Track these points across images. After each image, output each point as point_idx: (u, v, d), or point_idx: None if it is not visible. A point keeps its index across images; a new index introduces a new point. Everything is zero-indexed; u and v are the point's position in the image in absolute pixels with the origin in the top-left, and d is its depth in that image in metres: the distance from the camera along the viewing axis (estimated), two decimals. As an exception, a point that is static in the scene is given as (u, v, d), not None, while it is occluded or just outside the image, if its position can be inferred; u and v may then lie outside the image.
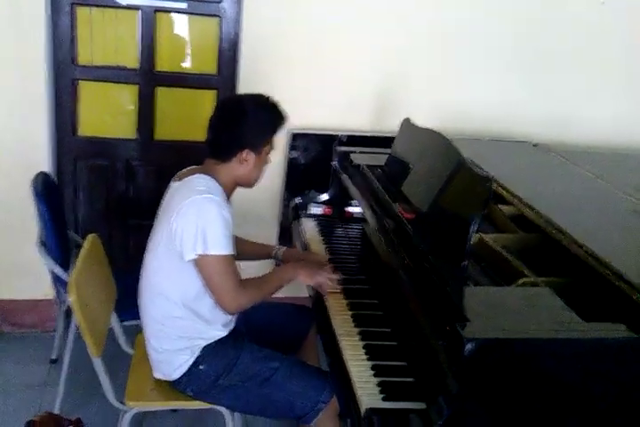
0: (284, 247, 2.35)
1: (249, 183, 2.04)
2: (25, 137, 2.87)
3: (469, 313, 1.39)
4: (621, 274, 1.54)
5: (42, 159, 2.90)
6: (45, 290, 3.12)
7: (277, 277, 2.07)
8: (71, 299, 1.81)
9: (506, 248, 1.89)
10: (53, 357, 2.95)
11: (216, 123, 1.98)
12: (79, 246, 2.70)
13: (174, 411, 2.60)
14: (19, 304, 3.15)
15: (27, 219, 2.86)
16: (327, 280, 2.05)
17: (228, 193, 1.99)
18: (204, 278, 1.88)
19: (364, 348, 1.76)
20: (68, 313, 2.83)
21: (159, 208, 2.03)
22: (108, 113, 3.08)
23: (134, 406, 1.99)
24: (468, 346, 1.27)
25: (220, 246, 1.83)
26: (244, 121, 1.92)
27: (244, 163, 1.94)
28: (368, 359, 1.70)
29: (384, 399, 1.51)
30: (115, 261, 2.39)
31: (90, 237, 2.15)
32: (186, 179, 1.95)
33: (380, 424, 1.39)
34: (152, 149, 3.12)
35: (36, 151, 2.89)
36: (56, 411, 2.51)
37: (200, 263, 1.85)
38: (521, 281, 1.66)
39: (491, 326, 1.36)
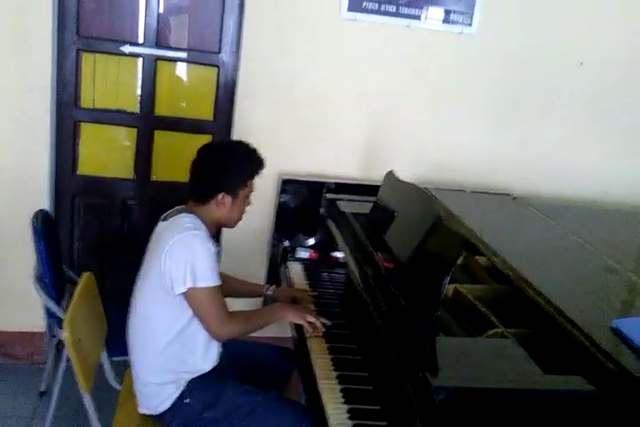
0: (274, 286, 2.48)
1: (229, 224, 2.18)
2: (27, 173, 2.99)
3: (440, 362, 1.49)
4: (583, 330, 1.65)
5: (42, 195, 3.03)
6: (37, 322, 3.21)
7: (267, 313, 2.20)
8: (65, 335, 1.91)
9: (479, 299, 1.99)
10: (42, 389, 3.01)
11: (196, 167, 2.11)
12: (73, 282, 2.81)
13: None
14: (10, 336, 3.22)
15: (23, 251, 2.98)
16: (317, 320, 2.16)
17: (212, 231, 2.10)
18: (194, 309, 1.99)
19: (341, 391, 1.84)
20: (59, 347, 2.92)
21: (147, 248, 2.14)
22: (107, 154, 3.21)
23: (121, 442, 2.07)
24: (437, 393, 1.37)
25: (207, 279, 1.96)
26: (222, 167, 2.05)
27: (220, 205, 2.07)
28: (344, 403, 1.78)
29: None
30: (107, 298, 2.49)
31: (85, 275, 2.26)
32: (171, 218, 2.07)
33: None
34: (148, 189, 3.25)
35: (36, 187, 3.02)
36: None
37: (190, 296, 1.96)
38: (490, 332, 1.77)
39: (458, 375, 1.47)
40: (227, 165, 2.04)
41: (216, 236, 2.21)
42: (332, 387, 1.87)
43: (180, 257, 1.93)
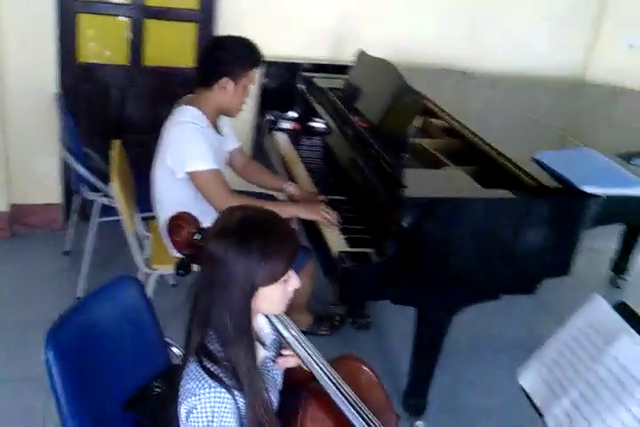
0: (294, 184, 2.69)
1: (229, 111, 2.51)
2: (36, 62, 3.35)
3: (408, 183, 2.06)
4: (513, 161, 2.24)
5: (50, 81, 3.40)
6: (51, 195, 3.68)
7: (279, 205, 2.45)
8: (114, 185, 2.42)
9: (436, 150, 2.55)
10: (66, 249, 3.51)
11: (204, 53, 2.50)
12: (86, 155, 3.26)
13: (174, 285, 3.25)
14: (27, 208, 3.67)
15: (37, 133, 3.41)
16: (331, 215, 2.36)
17: (213, 120, 2.48)
18: (199, 190, 2.40)
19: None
20: (82, 212, 3.42)
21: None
22: (104, 42, 3.57)
23: (159, 268, 2.62)
24: (407, 201, 1.95)
25: (202, 163, 2.35)
26: (227, 53, 2.39)
27: (222, 90, 2.41)
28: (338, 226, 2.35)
29: (350, 247, 2.20)
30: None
31: (116, 142, 2.72)
32: (178, 108, 2.45)
33: (350, 259, 2.05)
34: (141, 74, 3.65)
35: (45, 74, 3.38)
36: (81, 279, 3.11)
37: (192, 178, 2.38)
38: (444, 168, 2.34)
39: (422, 190, 2.05)
40: (231, 52, 2.39)
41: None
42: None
43: (177, 146, 2.35)
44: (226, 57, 2.40)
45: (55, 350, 1.48)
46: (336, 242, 2.24)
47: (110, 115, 3.70)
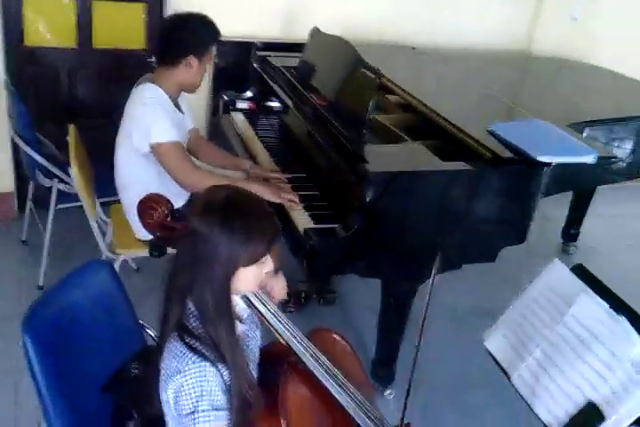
0: (254, 164, 2.71)
1: (191, 88, 2.53)
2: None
3: (369, 158, 2.11)
4: (469, 133, 2.30)
5: (-3, 67, 3.32)
6: (4, 184, 3.60)
7: (245, 184, 2.38)
8: (73, 170, 2.40)
9: (393, 125, 2.60)
10: (24, 238, 3.45)
11: (164, 32, 2.47)
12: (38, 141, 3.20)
13: (137, 270, 3.24)
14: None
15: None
16: (291, 196, 2.37)
17: (174, 98, 2.49)
18: (161, 164, 2.40)
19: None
20: (36, 200, 3.36)
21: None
22: (51, 25, 3.48)
23: (123, 253, 2.62)
24: (370, 175, 2.00)
25: (165, 135, 2.35)
26: (187, 30, 2.40)
27: (188, 68, 2.42)
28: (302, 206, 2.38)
29: (315, 223, 2.23)
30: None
31: (71, 127, 2.69)
32: (139, 86, 2.44)
33: (316, 235, 2.10)
34: (91, 56, 3.58)
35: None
36: (42, 268, 3.07)
37: (155, 151, 2.38)
38: (402, 143, 2.39)
39: (384, 164, 2.10)
40: (193, 30, 2.39)
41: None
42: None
43: (141, 121, 2.35)
44: (189, 36, 2.40)
45: (32, 337, 1.48)
46: (301, 219, 2.28)
47: (61, 99, 3.64)
